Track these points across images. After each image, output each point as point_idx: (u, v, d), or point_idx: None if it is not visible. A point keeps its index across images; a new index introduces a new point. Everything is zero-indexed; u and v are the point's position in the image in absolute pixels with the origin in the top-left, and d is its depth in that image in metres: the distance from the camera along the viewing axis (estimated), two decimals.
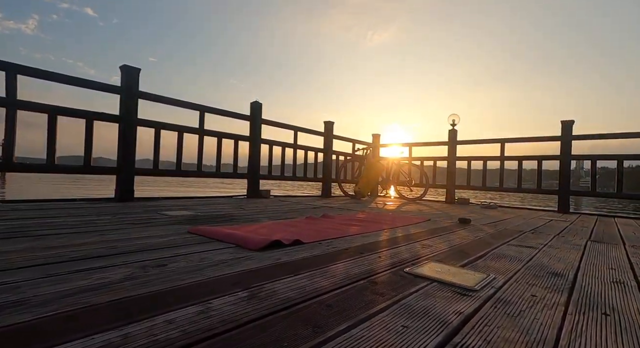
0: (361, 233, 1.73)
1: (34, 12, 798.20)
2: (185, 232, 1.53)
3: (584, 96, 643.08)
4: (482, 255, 1.34)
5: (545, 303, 0.82)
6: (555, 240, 1.84)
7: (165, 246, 1.22)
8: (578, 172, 58.25)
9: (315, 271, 0.99)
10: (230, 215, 2.28)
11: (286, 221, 2.07)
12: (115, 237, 1.33)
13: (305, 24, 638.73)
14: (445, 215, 2.91)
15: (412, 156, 5.47)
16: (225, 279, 0.87)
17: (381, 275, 0.98)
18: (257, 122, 4.11)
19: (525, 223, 2.63)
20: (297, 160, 4.68)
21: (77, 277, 0.83)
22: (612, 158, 3.84)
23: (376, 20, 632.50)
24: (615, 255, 1.48)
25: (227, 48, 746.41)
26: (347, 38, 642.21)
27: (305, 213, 2.54)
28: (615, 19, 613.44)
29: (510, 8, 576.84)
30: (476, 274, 1.03)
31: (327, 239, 1.51)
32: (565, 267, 1.21)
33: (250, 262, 1.06)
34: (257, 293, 0.78)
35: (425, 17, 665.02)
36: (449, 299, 0.81)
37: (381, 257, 1.21)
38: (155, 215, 2.08)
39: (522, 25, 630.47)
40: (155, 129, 3.17)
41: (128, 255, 1.07)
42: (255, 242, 1.27)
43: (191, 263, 1.01)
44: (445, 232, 1.94)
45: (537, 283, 0.99)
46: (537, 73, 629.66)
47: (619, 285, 1.02)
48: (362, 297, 0.79)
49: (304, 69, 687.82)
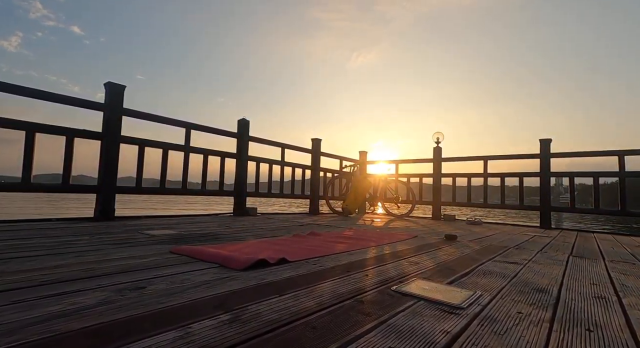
0: (348, 250, 1.71)
1: (18, 30, 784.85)
2: (168, 252, 1.48)
3: (557, 116, 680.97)
4: (469, 272, 1.34)
5: (531, 320, 0.82)
6: (539, 255, 1.87)
7: (146, 267, 1.17)
8: (557, 188, 60.10)
9: (301, 291, 0.97)
10: (216, 233, 2.23)
11: (272, 239, 2.04)
12: (92, 259, 1.27)
13: (291, 45, 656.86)
14: (432, 232, 2.93)
15: (398, 173, 5.54)
16: (207, 301, 0.84)
17: (368, 294, 0.96)
18: (244, 139, 4.10)
19: (510, 239, 2.67)
20: (285, 177, 4.66)
21: (47, 303, 0.78)
22: (588, 175, 4.00)
23: (360, 42, 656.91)
24: (596, 270, 1.51)
25: (216, 68, 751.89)
26: (333, 59, 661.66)
27: (292, 231, 2.51)
28: (584, 47, 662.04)
29: (489, 33, 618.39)
30: (463, 291, 1.03)
31: (313, 257, 1.48)
32: (549, 283, 1.22)
33: (234, 282, 1.03)
34: (240, 315, 0.75)
35: (407, 41, 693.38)
36: (436, 318, 0.80)
37: (368, 275, 1.20)
38: (136, 234, 2.01)
39: (499, 50, 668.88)
40: (139, 146, 3.12)
41: (105, 277, 1.02)
42: (239, 262, 1.24)
43: (172, 285, 0.97)
44: (432, 248, 1.94)
45: (522, 299, 0.99)
46: (514, 94, 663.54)
47: (601, 300, 1.04)
48: (349, 318, 0.77)
49: (291, 88, 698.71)
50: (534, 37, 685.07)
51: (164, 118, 3.36)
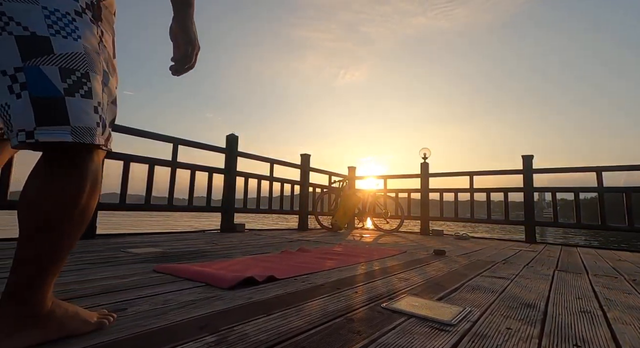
0: (338, 267, 1.69)
1: None
2: (151, 270, 1.43)
3: (539, 133, 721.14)
4: (458, 287, 1.34)
5: (520, 336, 0.82)
6: (525, 270, 1.89)
7: (127, 287, 1.13)
8: (540, 203, 61.72)
9: (289, 309, 0.94)
10: (202, 251, 2.17)
11: (261, 256, 2.00)
12: (70, 279, 1.21)
13: (280, 63, 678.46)
14: (420, 247, 2.94)
15: (387, 188, 5.59)
16: (192, 322, 0.81)
17: (358, 312, 0.95)
18: (232, 155, 4.08)
19: (497, 253, 2.70)
20: (274, 193, 4.63)
21: None
22: (569, 190, 4.12)
23: (348, 61, 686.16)
24: (581, 285, 1.54)
25: (204, 84, 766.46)
26: (321, 76, 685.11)
27: (281, 248, 2.47)
28: (562, 69, 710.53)
29: (472, 53, 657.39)
30: (452, 307, 1.03)
31: (303, 274, 1.46)
32: (537, 297, 1.23)
33: (220, 302, 0.99)
34: (227, 336, 0.72)
35: (393, 60, 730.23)
36: (426, 335, 0.79)
37: (358, 292, 1.18)
38: (118, 253, 1.94)
39: (482, 68, 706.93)
40: (124, 161, 3.06)
41: (85, 299, 0.97)
42: (226, 280, 1.20)
43: (155, 306, 0.93)
44: (421, 264, 1.94)
45: (511, 315, 1.00)
46: (496, 112, 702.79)
47: (587, 314, 1.05)
48: (339, 337, 0.75)
49: (280, 106, 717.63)
50: (514, 59, 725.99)
51: (150, 133, 3.32)
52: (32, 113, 0.56)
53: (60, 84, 0.58)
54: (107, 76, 0.68)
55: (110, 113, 0.71)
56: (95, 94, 0.63)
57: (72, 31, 0.60)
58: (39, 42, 0.57)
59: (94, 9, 0.64)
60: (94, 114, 0.62)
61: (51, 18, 0.58)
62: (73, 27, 0.60)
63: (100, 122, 0.64)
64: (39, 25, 0.57)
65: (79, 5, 0.61)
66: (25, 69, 0.56)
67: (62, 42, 0.59)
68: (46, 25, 0.57)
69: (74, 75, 0.60)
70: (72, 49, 0.59)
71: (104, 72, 0.67)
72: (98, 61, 0.64)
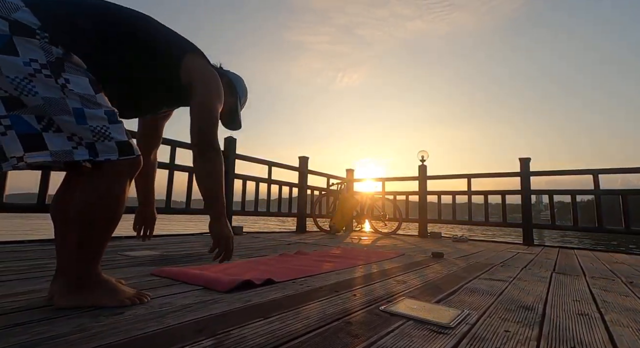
0: (336, 270, 1.69)
1: None
2: (148, 274, 1.42)
3: (539, 133, 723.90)
4: (456, 290, 1.34)
5: (519, 339, 0.82)
6: (523, 272, 1.90)
7: None
8: (538, 205, 61.92)
9: (287, 313, 0.94)
10: (200, 254, 2.16)
11: (258, 259, 1.99)
12: None
13: (277, 66, 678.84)
14: (419, 250, 2.94)
15: (385, 190, 5.59)
16: (188, 326, 0.80)
17: (356, 315, 0.95)
18: (230, 157, 4.07)
19: (495, 256, 2.70)
20: (272, 195, 4.62)
21: (13, 332, 0.73)
22: (566, 193, 4.14)
23: (345, 63, 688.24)
24: (578, 287, 1.54)
25: None
26: (319, 79, 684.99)
27: (279, 250, 2.46)
28: (560, 71, 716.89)
29: (470, 56, 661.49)
30: (451, 310, 1.03)
31: (300, 277, 1.45)
32: (535, 300, 1.23)
33: (218, 305, 0.99)
34: (224, 340, 0.72)
35: (391, 63, 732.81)
36: (425, 338, 0.79)
37: (356, 295, 1.18)
38: (115, 256, 1.92)
39: (480, 70, 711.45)
40: None
41: None
42: (223, 283, 1.20)
43: (151, 309, 0.92)
44: (419, 266, 1.94)
45: (509, 317, 1.00)
46: (494, 114, 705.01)
47: (584, 317, 1.05)
48: (337, 340, 0.75)
49: (278, 108, 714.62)
50: (512, 62, 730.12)
51: None
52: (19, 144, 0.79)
53: (37, 125, 0.81)
54: (88, 104, 0.84)
55: (117, 131, 0.88)
56: (65, 128, 0.82)
57: (29, 90, 0.78)
58: (14, 100, 0.79)
59: (52, 66, 0.80)
60: (68, 141, 0.83)
61: (13, 83, 0.77)
62: (30, 86, 0.78)
63: (76, 146, 0.83)
64: (9, 88, 0.77)
65: (32, 69, 0.78)
66: (10, 117, 0.78)
67: (27, 99, 0.79)
68: (13, 87, 0.77)
69: (44, 120, 0.81)
70: (35, 102, 0.79)
71: (82, 104, 0.83)
72: (64, 104, 0.81)
